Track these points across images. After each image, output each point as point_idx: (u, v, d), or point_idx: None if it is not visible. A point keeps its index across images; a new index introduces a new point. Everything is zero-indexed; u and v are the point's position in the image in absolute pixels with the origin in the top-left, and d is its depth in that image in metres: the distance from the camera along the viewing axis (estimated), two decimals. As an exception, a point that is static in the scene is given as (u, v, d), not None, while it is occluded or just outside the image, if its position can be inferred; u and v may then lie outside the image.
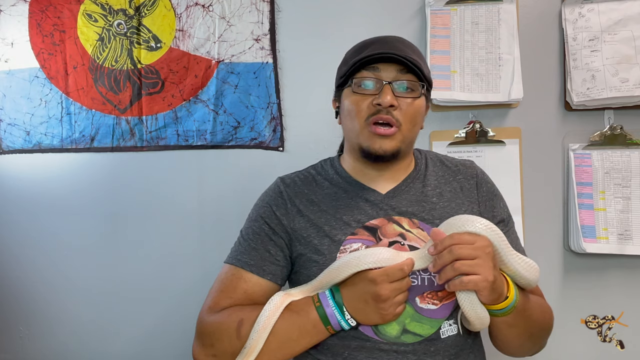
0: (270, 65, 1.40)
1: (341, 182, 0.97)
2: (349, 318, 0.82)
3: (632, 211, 1.27)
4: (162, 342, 1.45)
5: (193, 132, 1.42)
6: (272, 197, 0.98)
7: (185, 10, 1.41)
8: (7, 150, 1.48)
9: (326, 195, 0.96)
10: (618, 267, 1.32)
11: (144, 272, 1.45)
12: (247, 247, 0.95)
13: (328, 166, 1.01)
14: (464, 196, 0.96)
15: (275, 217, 0.95)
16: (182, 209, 1.43)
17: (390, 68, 0.88)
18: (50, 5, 1.44)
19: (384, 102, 0.86)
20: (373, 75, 0.89)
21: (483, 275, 0.75)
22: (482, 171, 1.02)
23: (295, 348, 0.86)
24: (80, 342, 1.47)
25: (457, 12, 1.34)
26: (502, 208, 0.99)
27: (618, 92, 1.25)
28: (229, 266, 0.95)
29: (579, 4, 1.29)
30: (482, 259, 0.75)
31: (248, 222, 0.99)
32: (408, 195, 0.94)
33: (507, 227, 0.98)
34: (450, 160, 1.03)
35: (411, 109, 0.89)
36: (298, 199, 0.96)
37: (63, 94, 1.45)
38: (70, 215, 1.46)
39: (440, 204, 0.94)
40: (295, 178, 1.00)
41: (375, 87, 0.89)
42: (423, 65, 0.91)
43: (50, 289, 1.47)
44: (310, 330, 0.84)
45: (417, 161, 1.00)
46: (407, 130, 0.90)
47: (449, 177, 0.98)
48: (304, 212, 0.94)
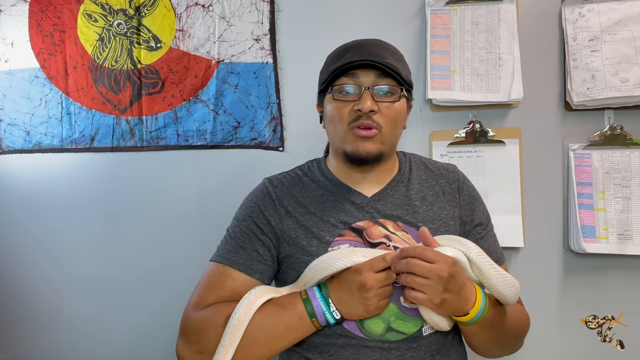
0: (270, 65, 1.40)
1: (327, 184, 0.99)
2: (334, 310, 0.84)
3: (632, 211, 1.27)
4: (162, 342, 1.45)
5: (193, 132, 1.42)
6: (260, 197, 0.99)
7: (185, 10, 1.41)
8: (7, 150, 1.48)
9: (313, 197, 0.97)
10: (618, 267, 1.32)
11: (144, 272, 1.45)
12: (234, 245, 0.95)
13: (315, 168, 1.03)
14: (445, 200, 0.98)
15: (264, 217, 0.96)
16: (182, 209, 1.43)
17: (368, 73, 0.90)
18: (50, 5, 1.44)
19: (364, 107, 0.88)
20: (352, 82, 0.91)
21: (429, 296, 0.79)
22: (464, 176, 1.05)
23: (282, 343, 0.86)
24: (80, 342, 1.47)
25: (457, 12, 1.34)
26: (481, 212, 1.02)
27: (618, 92, 1.25)
28: (215, 264, 0.95)
29: (579, 4, 1.29)
30: (433, 281, 0.78)
31: (235, 221, 1.00)
32: (393, 198, 0.96)
33: (485, 229, 1.01)
34: (433, 163, 1.05)
35: (391, 112, 0.91)
36: (286, 200, 0.97)
37: (63, 94, 1.45)
38: (70, 215, 1.46)
39: (423, 207, 0.96)
40: (283, 179, 1.02)
41: (355, 92, 0.91)
42: (401, 68, 0.93)
43: (51, 289, 1.47)
44: (296, 324, 0.85)
45: (401, 164, 1.02)
46: (388, 132, 0.92)
47: (432, 181, 1.00)
48: (293, 214, 0.95)
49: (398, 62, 0.93)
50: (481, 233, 0.99)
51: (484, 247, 0.91)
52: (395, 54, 0.96)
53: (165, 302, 1.45)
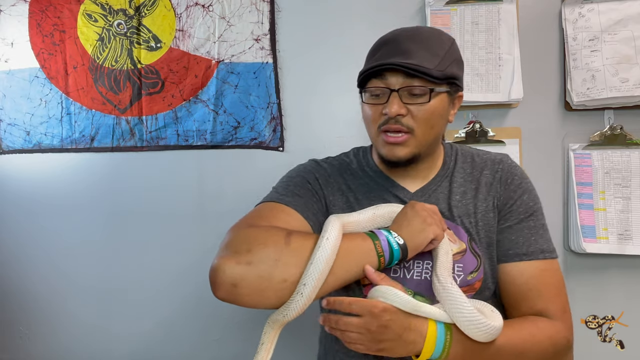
0: (270, 65, 1.40)
1: (373, 174, 0.97)
2: (396, 236, 0.80)
3: (632, 211, 1.27)
4: (162, 342, 1.45)
5: (193, 132, 1.42)
6: (313, 167, 0.98)
7: (185, 10, 1.41)
8: (7, 150, 1.48)
9: (360, 184, 0.96)
10: (618, 267, 1.32)
11: (144, 271, 1.45)
12: (288, 192, 0.90)
13: (360, 157, 1.01)
14: (486, 191, 0.93)
15: (318, 183, 0.95)
16: (182, 209, 1.43)
17: (397, 74, 0.85)
18: (50, 5, 1.44)
19: (390, 112, 0.85)
20: (381, 84, 0.87)
21: (366, 346, 0.75)
22: (512, 165, 0.97)
23: (345, 277, 0.79)
24: (80, 342, 1.47)
25: (457, 12, 1.34)
26: (523, 202, 0.92)
27: (618, 92, 1.25)
28: (264, 203, 0.89)
29: (579, 4, 1.29)
30: (364, 335, 0.74)
31: (285, 178, 0.96)
32: (436, 194, 0.94)
33: (519, 220, 0.91)
34: (481, 155, 0.99)
35: (423, 113, 0.86)
36: (337, 179, 0.96)
37: (63, 94, 1.45)
38: (70, 215, 1.46)
39: (463, 202, 0.93)
40: (332, 161, 1.00)
41: (384, 95, 0.87)
42: (436, 63, 0.85)
43: (51, 289, 1.47)
44: (358, 247, 0.79)
45: (445, 158, 0.98)
46: (422, 134, 0.87)
47: (476, 174, 0.96)
48: (344, 192, 0.94)
49: (433, 56, 0.86)
50: (510, 222, 0.91)
51: (510, 238, 0.89)
52: (433, 46, 0.87)
53: (164, 302, 1.45)
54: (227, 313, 1.42)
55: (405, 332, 0.75)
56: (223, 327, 1.43)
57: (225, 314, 1.42)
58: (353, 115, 1.39)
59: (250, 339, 1.43)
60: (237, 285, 0.71)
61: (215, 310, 1.42)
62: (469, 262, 0.88)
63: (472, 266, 0.88)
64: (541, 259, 0.89)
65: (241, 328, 1.43)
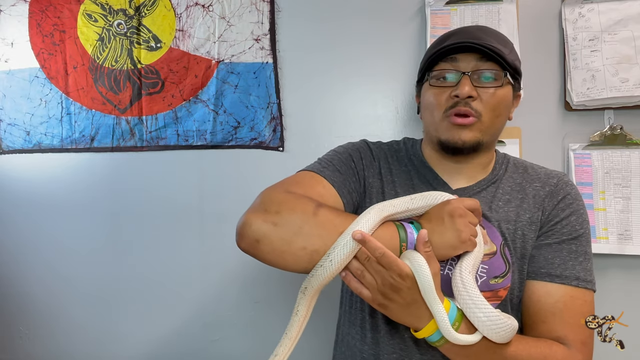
0: (270, 65, 1.40)
1: (418, 164, 0.96)
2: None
3: (632, 211, 1.27)
4: (161, 342, 1.45)
5: (193, 132, 1.42)
6: (362, 147, 0.97)
7: (185, 10, 1.41)
8: (7, 150, 1.48)
9: (402, 172, 0.95)
10: (618, 267, 1.32)
11: (144, 272, 1.45)
12: (331, 166, 0.90)
13: (409, 145, 1.01)
14: (532, 203, 0.90)
15: (362, 163, 0.95)
16: (182, 209, 1.43)
17: (469, 58, 0.84)
18: (50, 5, 1.44)
19: (461, 93, 0.83)
20: (451, 67, 0.85)
21: (372, 295, 0.74)
22: (568, 183, 0.92)
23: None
24: (79, 342, 1.47)
25: (457, 12, 1.33)
26: (570, 223, 0.88)
27: (618, 92, 1.25)
28: (304, 172, 0.88)
29: (579, 4, 1.29)
30: (377, 283, 0.72)
31: (332, 152, 0.96)
32: (477, 197, 0.90)
33: (561, 242, 0.87)
34: (535, 169, 0.96)
35: (493, 99, 0.85)
36: (382, 162, 0.96)
37: (63, 94, 1.45)
38: (70, 216, 1.46)
39: (505, 208, 0.89)
40: (382, 145, 1.00)
41: (454, 79, 0.85)
42: (507, 52, 0.85)
43: (50, 289, 1.47)
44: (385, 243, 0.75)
45: (495, 165, 0.96)
46: (489, 120, 0.85)
47: (525, 184, 0.92)
48: (382, 177, 0.94)
49: (504, 47, 0.86)
50: (550, 240, 0.87)
51: (547, 257, 0.85)
52: (501, 39, 0.89)
53: (164, 302, 1.45)
54: (227, 314, 1.42)
55: (415, 305, 0.74)
56: (223, 328, 1.43)
57: (225, 315, 1.42)
58: (353, 115, 1.39)
59: (251, 339, 1.43)
60: (259, 242, 0.73)
61: (215, 311, 1.42)
62: (496, 267, 0.86)
63: (498, 271, 0.86)
64: (574, 286, 0.85)
65: (241, 329, 1.43)
